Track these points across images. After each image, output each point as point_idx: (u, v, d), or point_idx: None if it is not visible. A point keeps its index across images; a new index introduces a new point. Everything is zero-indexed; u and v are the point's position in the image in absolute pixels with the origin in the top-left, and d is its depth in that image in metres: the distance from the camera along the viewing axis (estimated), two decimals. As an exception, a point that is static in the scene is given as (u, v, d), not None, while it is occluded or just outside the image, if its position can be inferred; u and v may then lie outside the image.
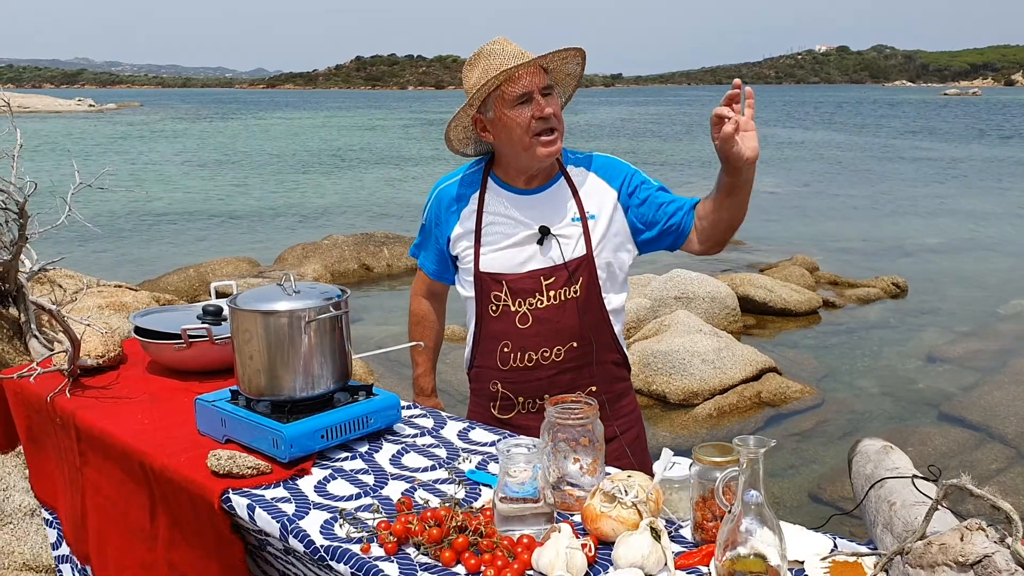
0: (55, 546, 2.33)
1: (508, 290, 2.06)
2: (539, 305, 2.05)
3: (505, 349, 2.09)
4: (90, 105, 71.37)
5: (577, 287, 2.05)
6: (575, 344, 2.07)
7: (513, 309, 2.07)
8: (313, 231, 12.65)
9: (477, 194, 2.13)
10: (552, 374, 2.08)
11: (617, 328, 2.16)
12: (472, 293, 2.13)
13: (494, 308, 2.09)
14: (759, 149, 1.84)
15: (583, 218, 2.06)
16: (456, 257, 2.18)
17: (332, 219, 14.41)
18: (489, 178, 2.14)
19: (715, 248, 2.05)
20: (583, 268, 2.06)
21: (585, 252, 2.06)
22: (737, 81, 1.82)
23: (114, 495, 1.92)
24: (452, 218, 2.16)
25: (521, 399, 2.12)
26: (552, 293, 2.05)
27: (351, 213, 15.18)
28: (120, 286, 5.15)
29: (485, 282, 2.09)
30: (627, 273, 2.17)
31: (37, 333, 3.39)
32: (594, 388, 2.11)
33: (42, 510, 2.37)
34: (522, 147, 2.02)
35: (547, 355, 2.07)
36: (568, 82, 2.16)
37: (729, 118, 1.79)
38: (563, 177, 2.12)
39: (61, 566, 2.31)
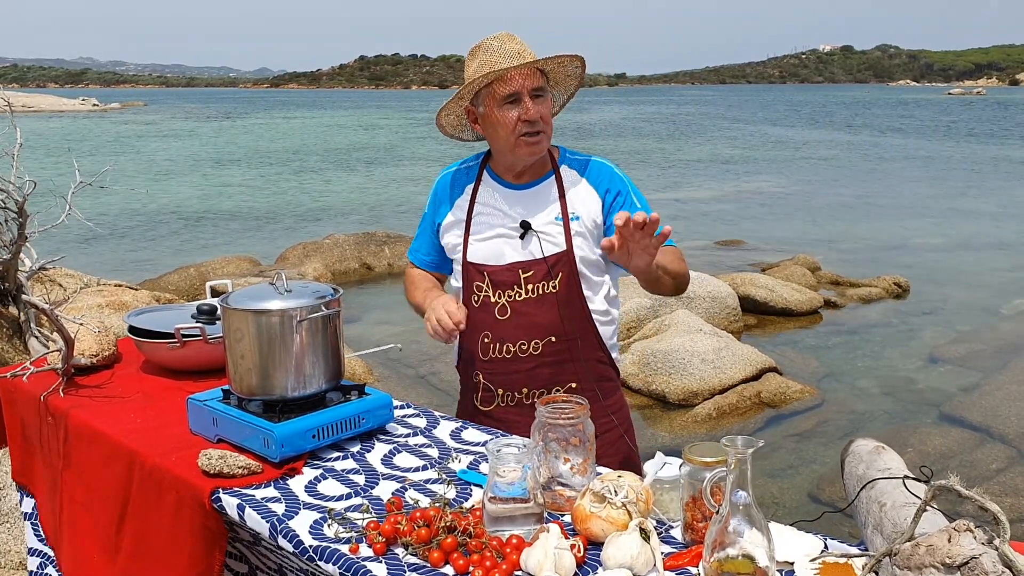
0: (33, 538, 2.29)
1: (489, 281, 2.10)
2: (517, 298, 2.08)
3: (485, 340, 2.12)
4: (94, 104, 71.50)
5: (556, 282, 2.07)
6: (553, 339, 2.09)
7: (493, 300, 2.10)
8: (315, 230, 12.65)
9: (472, 185, 2.19)
10: (531, 367, 2.10)
11: (603, 329, 2.16)
12: (460, 283, 2.18)
13: (476, 299, 2.13)
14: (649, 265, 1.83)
15: (565, 218, 2.08)
16: (446, 246, 2.22)
17: (334, 218, 14.42)
18: (485, 170, 2.20)
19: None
20: (562, 264, 2.07)
21: (565, 248, 2.08)
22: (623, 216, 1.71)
23: (86, 503, 1.91)
24: (446, 205, 2.22)
25: (501, 391, 2.13)
26: (530, 287, 2.07)
27: (353, 212, 15.18)
28: (120, 285, 5.17)
29: (470, 272, 2.14)
30: (615, 276, 2.18)
31: (37, 332, 3.40)
32: (574, 385, 2.11)
33: (22, 501, 2.33)
34: (506, 146, 2.07)
35: (524, 348, 2.09)
36: (569, 82, 2.18)
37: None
38: (554, 176, 2.15)
39: (30, 558, 2.28)
